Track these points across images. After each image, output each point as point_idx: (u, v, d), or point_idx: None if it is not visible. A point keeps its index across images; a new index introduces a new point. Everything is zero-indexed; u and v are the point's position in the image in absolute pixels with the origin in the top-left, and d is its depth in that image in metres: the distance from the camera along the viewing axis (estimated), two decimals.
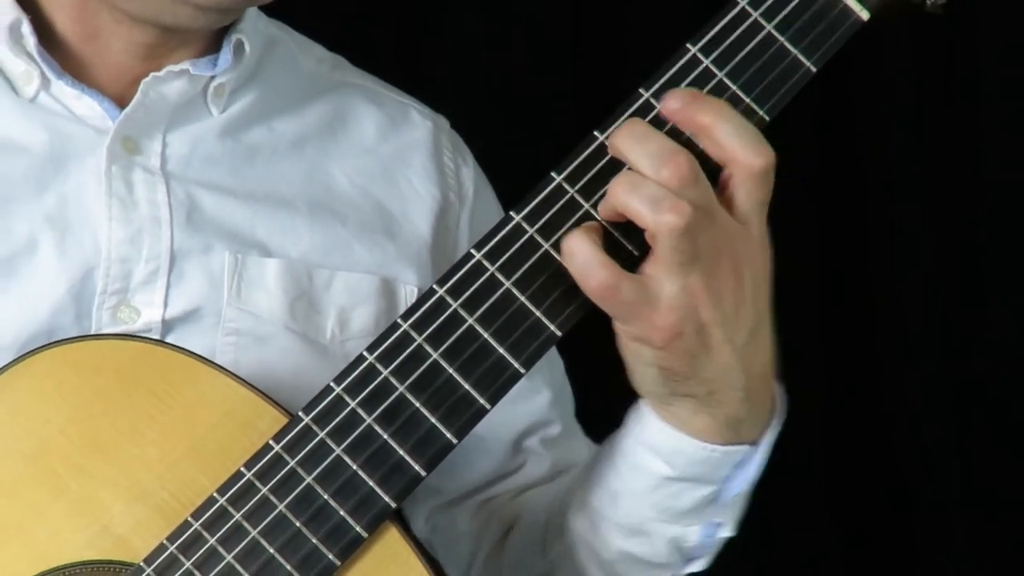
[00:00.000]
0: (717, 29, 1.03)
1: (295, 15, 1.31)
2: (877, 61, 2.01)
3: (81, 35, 1.18)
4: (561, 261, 1.00)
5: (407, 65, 1.84)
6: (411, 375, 1.01)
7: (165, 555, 1.01)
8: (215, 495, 1.01)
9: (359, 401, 1.01)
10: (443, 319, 1.02)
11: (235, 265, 1.18)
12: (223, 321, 1.17)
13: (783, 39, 1.04)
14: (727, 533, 1.13)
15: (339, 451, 1.01)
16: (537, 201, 1.02)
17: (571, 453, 1.34)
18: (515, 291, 1.02)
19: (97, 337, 1.11)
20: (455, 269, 1.02)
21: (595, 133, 1.03)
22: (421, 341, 1.02)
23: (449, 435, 1.02)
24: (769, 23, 1.04)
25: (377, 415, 1.01)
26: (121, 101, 1.18)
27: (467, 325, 1.02)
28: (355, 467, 1.01)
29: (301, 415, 1.02)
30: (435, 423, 1.01)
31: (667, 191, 0.97)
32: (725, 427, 1.06)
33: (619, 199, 0.99)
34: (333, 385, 1.02)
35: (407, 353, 1.02)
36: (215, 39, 1.22)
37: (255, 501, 1.01)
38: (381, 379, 1.01)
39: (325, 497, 1.01)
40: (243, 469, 1.01)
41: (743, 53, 1.03)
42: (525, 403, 1.32)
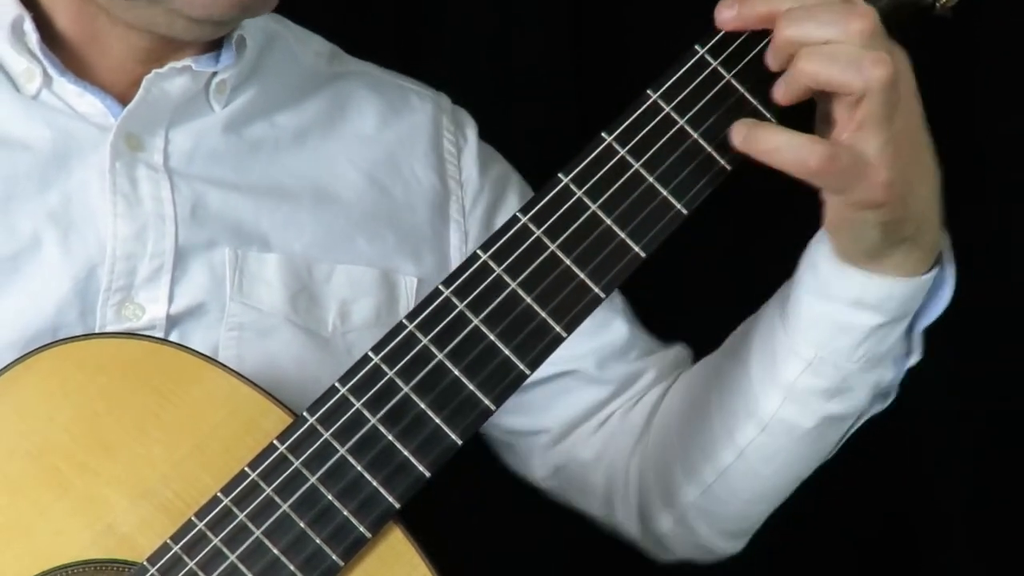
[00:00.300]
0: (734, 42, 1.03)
1: (295, 10, 1.30)
2: None
3: (81, 36, 1.17)
4: (566, 261, 1.01)
5: (407, 66, 1.84)
6: (416, 375, 1.01)
7: (169, 555, 1.01)
8: (219, 495, 1.01)
9: (364, 401, 1.01)
10: (449, 320, 1.01)
11: (235, 261, 1.18)
12: (226, 316, 1.17)
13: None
14: (915, 358, 1.16)
15: (343, 451, 1.01)
16: (544, 203, 1.02)
17: (668, 355, 1.34)
18: (521, 292, 1.02)
19: (102, 335, 1.11)
20: (461, 269, 1.02)
21: (603, 134, 1.02)
22: (427, 342, 1.01)
23: (454, 436, 1.01)
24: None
25: (382, 415, 1.01)
26: (123, 98, 1.18)
27: (473, 326, 1.01)
28: (359, 467, 1.01)
29: (306, 415, 1.02)
30: (440, 424, 1.01)
31: (860, 48, 0.98)
32: (930, 253, 1.09)
33: (819, 75, 0.99)
34: (338, 385, 1.02)
35: (413, 354, 1.01)
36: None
37: (259, 501, 1.01)
38: (386, 379, 1.01)
39: (329, 497, 1.01)
40: (247, 469, 1.01)
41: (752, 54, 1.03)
42: (603, 331, 1.31)
